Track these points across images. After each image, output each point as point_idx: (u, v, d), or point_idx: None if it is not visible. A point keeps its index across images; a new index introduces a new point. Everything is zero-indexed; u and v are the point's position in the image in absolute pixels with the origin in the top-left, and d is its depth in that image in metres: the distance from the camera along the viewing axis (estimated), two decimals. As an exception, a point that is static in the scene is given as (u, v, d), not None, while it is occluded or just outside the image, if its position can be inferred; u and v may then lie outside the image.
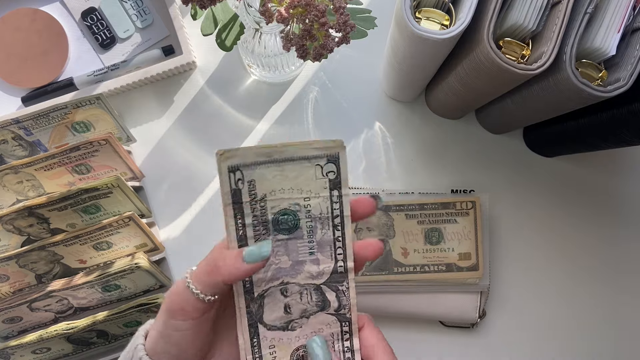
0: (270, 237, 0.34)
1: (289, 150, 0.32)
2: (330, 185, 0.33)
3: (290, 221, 0.34)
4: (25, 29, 0.58)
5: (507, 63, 0.39)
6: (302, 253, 0.34)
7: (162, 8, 0.58)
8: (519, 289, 0.60)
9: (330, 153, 0.32)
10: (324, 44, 0.39)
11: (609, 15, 0.40)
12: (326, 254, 0.34)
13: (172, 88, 0.61)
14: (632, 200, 0.60)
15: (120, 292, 0.55)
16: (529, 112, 0.50)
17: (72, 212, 0.52)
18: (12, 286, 0.54)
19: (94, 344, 0.55)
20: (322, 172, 0.33)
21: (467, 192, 0.58)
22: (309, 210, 0.34)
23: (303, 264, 0.35)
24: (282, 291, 0.35)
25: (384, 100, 0.61)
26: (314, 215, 0.34)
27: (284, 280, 0.35)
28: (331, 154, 0.32)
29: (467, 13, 0.39)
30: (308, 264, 0.35)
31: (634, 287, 0.60)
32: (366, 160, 0.60)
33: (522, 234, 0.60)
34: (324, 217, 0.34)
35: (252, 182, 0.32)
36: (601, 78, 0.41)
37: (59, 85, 0.58)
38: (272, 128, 0.60)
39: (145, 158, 0.60)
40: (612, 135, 0.47)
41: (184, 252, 0.59)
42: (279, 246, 0.34)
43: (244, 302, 0.34)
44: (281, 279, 0.35)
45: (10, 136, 0.54)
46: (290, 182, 0.33)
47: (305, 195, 0.33)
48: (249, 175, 0.32)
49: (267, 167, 0.32)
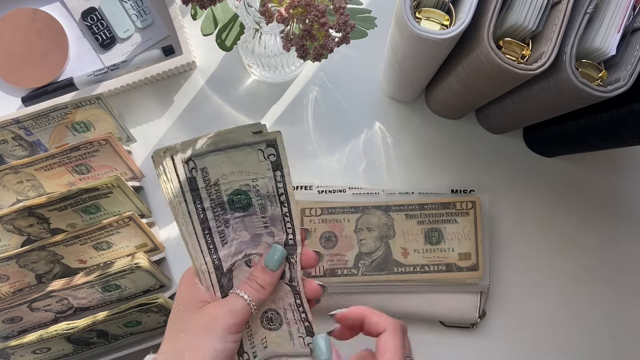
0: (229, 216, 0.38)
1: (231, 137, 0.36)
2: (273, 167, 0.37)
3: (243, 200, 0.38)
4: (25, 29, 0.58)
5: (507, 63, 0.39)
6: (258, 227, 0.39)
7: (162, 8, 0.58)
8: (519, 289, 0.59)
9: (268, 138, 0.36)
10: (324, 44, 0.39)
11: (609, 15, 0.40)
12: (278, 227, 0.38)
13: (172, 88, 0.61)
14: (632, 200, 0.60)
15: (120, 292, 0.55)
16: (529, 112, 0.50)
17: (72, 212, 0.52)
18: (12, 286, 0.54)
19: (94, 344, 0.55)
20: (264, 155, 0.36)
21: (467, 192, 0.58)
22: (257, 190, 0.37)
23: (261, 236, 0.39)
24: (246, 262, 0.39)
25: (384, 100, 0.61)
26: (263, 194, 0.37)
27: (247, 252, 0.39)
28: (269, 139, 0.36)
29: (467, 13, 0.39)
30: (265, 237, 0.39)
31: (634, 287, 0.60)
32: (366, 160, 0.60)
33: (522, 234, 0.60)
34: (271, 195, 0.37)
35: (204, 169, 0.36)
36: (601, 78, 0.41)
37: (59, 85, 0.58)
38: (272, 128, 0.60)
39: (145, 158, 0.60)
40: (612, 135, 0.47)
41: (184, 252, 0.59)
42: (238, 223, 0.38)
43: (215, 278, 0.38)
44: (244, 251, 0.39)
45: (11, 136, 0.54)
46: (238, 166, 0.36)
47: (253, 177, 0.37)
48: (200, 164, 0.36)
49: (216, 155, 0.36)
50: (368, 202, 0.56)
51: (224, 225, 0.38)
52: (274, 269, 0.38)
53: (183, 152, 0.35)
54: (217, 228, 0.37)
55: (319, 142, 0.60)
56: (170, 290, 0.57)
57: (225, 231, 0.38)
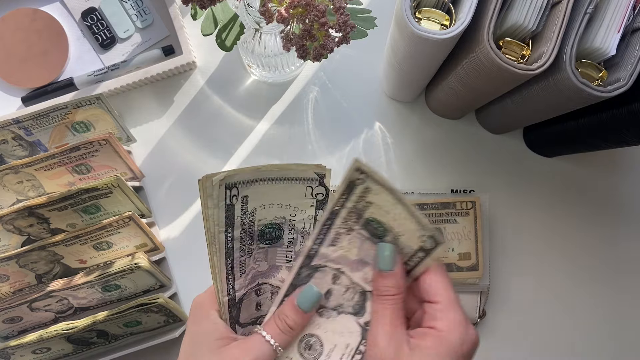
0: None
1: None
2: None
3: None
4: (25, 29, 0.58)
5: (507, 63, 0.39)
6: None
7: (162, 8, 0.58)
8: (519, 289, 0.59)
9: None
10: (324, 44, 0.39)
11: (609, 15, 0.40)
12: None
13: (172, 88, 0.61)
14: (632, 200, 0.60)
15: (120, 292, 0.55)
16: (529, 112, 0.50)
17: (72, 212, 0.52)
18: (12, 286, 0.54)
19: (94, 344, 0.55)
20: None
21: (467, 192, 0.58)
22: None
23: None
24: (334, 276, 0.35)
25: (384, 100, 0.61)
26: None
27: (342, 269, 0.35)
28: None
29: (467, 13, 0.39)
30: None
31: (634, 286, 0.60)
32: (366, 160, 0.60)
33: (522, 234, 0.60)
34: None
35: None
36: (601, 78, 0.41)
37: (59, 85, 0.58)
38: (272, 128, 0.60)
39: (145, 158, 0.60)
40: (612, 135, 0.47)
41: (184, 252, 0.59)
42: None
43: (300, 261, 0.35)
44: (341, 265, 0.35)
45: (11, 136, 0.54)
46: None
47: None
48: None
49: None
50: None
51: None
52: (307, 311, 0.34)
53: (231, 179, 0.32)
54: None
55: (319, 142, 0.60)
56: (170, 290, 0.57)
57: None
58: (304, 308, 0.34)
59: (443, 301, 0.32)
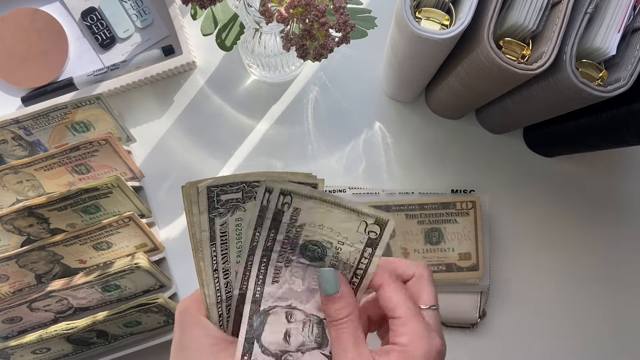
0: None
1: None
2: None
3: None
4: (25, 29, 0.58)
5: (507, 63, 0.39)
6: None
7: (162, 8, 0.58)
8: (519, 289, 0.59)
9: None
10: (324, 44, 0.39)
11: (609, 15, 0.40)
12: None
13: (172, 88, 0.61)
14: (632, 199, 0.60)
15: (120, 292, 0.55)
16: (529, 112, 0.50)
17: (72, 212, 0.52)
18: (12, 286, 0.54)
19: (94, 344, 0.55)
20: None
21: (467, 192, 0.58)
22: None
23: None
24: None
25: (384, 100, 0.61)
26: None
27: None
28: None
29: (467, 13, 0.39)
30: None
31: (634, 286, 0.60)
32: (366, 160, 0.60)
33: (522, 234, 0.60)
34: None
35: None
36: (601, 78, 0.41)
37: (59, 85, 0.58)
38: (272, 128, 0.60)
39: (145, 158, 0.60)
40: (612, 135, 0.47)
41: (184, 252, 0.59)
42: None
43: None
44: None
45: (10, 136, 0.54)
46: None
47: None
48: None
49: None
50: (368, 202, 0.56)
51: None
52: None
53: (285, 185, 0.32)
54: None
55: (319, 142, 0.60)
56: (170, 291, 0.57)
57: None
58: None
59: (402, 315, 0.32)
